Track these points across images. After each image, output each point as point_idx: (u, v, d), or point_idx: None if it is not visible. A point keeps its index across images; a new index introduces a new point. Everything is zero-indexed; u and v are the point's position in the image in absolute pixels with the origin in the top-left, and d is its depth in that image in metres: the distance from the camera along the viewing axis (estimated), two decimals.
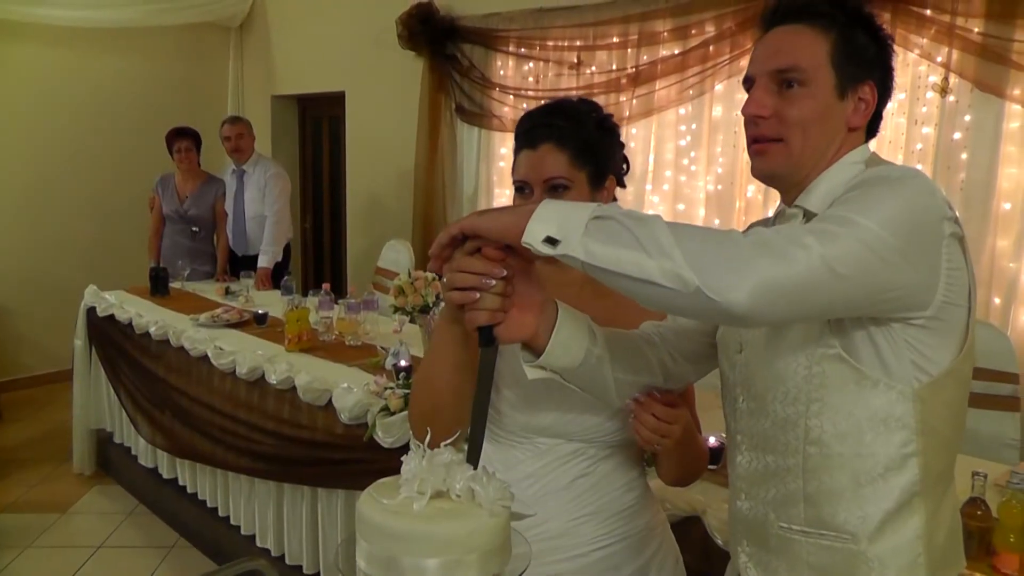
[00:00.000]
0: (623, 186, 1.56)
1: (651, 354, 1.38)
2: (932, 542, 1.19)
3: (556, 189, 1.44)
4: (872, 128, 1.28)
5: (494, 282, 1.10)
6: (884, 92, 1.26)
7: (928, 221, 1.10)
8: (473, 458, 1.06)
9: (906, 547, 1.18)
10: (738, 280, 0.96)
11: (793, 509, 1.23)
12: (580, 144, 1.45)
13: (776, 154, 1.23)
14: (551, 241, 1.01)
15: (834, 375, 1.16)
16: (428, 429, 1.07)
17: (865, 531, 1.18)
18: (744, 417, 1.31)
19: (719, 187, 4.06)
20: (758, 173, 1.28)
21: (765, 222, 1.41)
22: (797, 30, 1.23)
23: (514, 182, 1.50)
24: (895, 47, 3.82)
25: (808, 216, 1.23)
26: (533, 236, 1.02)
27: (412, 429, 1.42)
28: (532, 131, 1.47)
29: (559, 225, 1.01)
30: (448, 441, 1.03)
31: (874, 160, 1.25)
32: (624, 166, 1.56)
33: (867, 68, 1.23)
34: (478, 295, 1.11)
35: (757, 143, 1.25)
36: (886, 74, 1.26)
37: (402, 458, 1.00)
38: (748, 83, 1.27)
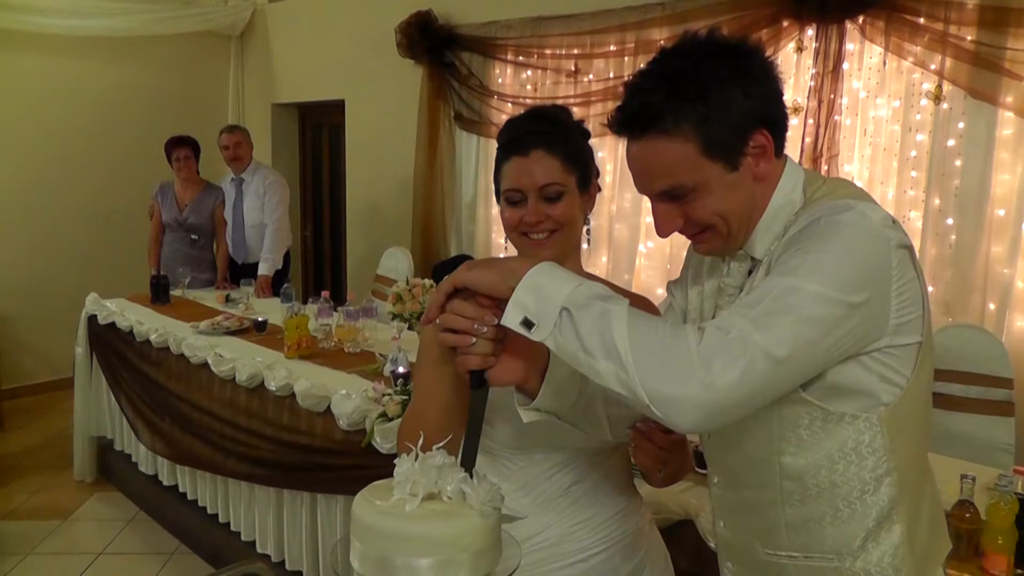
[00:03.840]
0: (599, 190, 1.57)
1: None
2: (915, 545, 1.21)
3: (551, 197, 1.43)
4: (781, 143, 1.22)
5: (486, 328, 1.12)
6: (774, 114, 1.19)
7: (875, 260, 1.09)
8: None
9: (889, 556, 1.20)
10: (682, 402, 1.00)
11: (777, 538, 1.25)
12: (568, 148, 1.45)
13: (711, 239, 1.23)
14: (527, 325, 1.05)
15: (800, 415, 1.17)
16: (421, 432, 1.09)
17: (849, 549, 1.20)
18: (714, 450, 1.33)
19: None
20: (704, 254, 1.31)
21: (694, 257, 1.39)
22: (654, 147, 1.15)
23: (503, 191, 1.47)
24: (889, 55, 3.75)
25: (754, 263, 1.24)
26: (511, 320, 1.06)
27: (398, 448, 1.41)
28: (521, 138, 1.45)
29: (534, 314, 1.05)
30: (440, 445, 1.05)
31: (810, 181, 1.23)
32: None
33: (745, 123, 1.15)
34: (472, 340, 1.12)
35: (690, 237, 1.25)
36: (766, 96, 1.17)
37: (395, 460, 1.03)
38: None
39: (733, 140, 1.15)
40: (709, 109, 1.13)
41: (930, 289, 3.12)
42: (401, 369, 2.95)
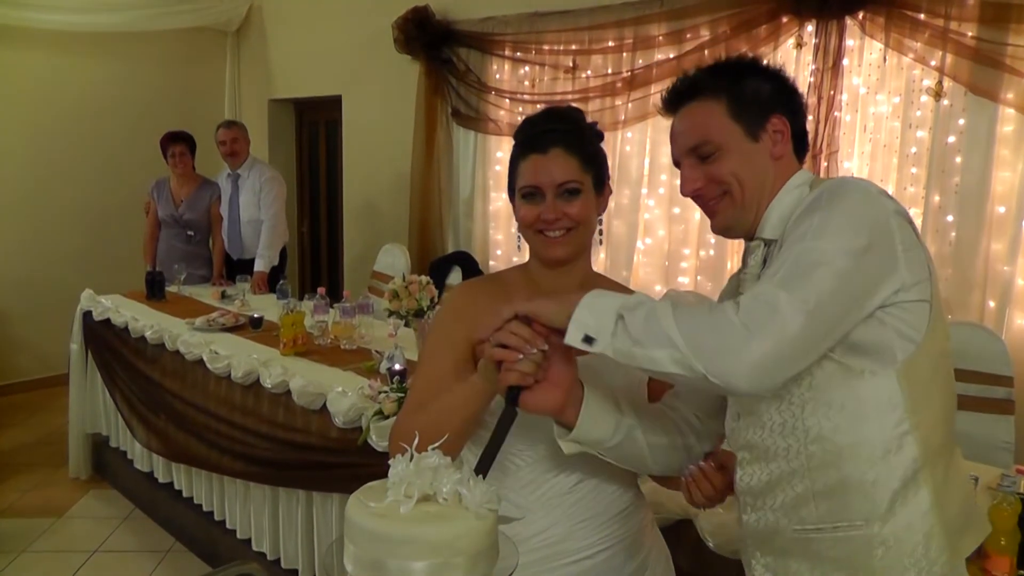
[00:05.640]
0: (611, 192, 1.59)
1: (676, 416, 1.47)
2: (945, 513, 1.23)
3: (569, 193, 1.45)
4: (800, 148, 1.39)
5: (535, 350, 1.21)
6: (795, 115, 1.37)
7: (878, 219, 1.19)
8: None
9: (919, 522, 1.22)
10: (736, 366, 1.10)
11: (804, 510, 1.27)
12: (586, 149, 1.49)
13: (726, 207, 1.36)
14: (588, 340, 1.16)
15: (821, 373, 1.23)
16: (416, 433, 1.07)
17: (876, 513, 1.22)
18: (742, 433, 1.36)
19: None
20: (717, 229, 1.41)
21: (738, 277, 1.46)
22: (693, 108, 1.37)
23: (519, 188, 1.49)
24: (889, 51, 3.81)
25: (768, 244, 1.34)
26: (573, 338, 1.17)
27: (392, 449, 1.36)
28: (541, 136, 1.47)
29: (593, 329, 1.16)
30: (435, 445, 1.03)
31: (817, 180, 1.35)
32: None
33: (768, 106, 1.34)
34: (518, 356, 1.21)
35: (707, 206, 1.39)
36: (790, 100, 1.38)
37: (390, 461, 1.01)
38: (677, 164, 1.41)
39: (756, 116, 1.34)
40: (742, 86, 1.35)
41: None
42: (397, 366, 2.93)
